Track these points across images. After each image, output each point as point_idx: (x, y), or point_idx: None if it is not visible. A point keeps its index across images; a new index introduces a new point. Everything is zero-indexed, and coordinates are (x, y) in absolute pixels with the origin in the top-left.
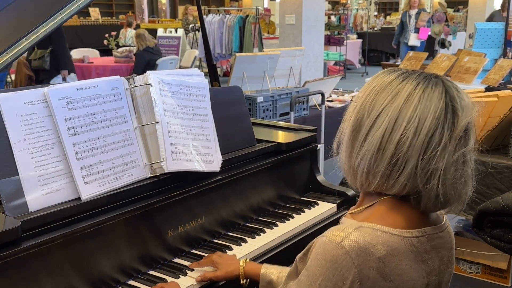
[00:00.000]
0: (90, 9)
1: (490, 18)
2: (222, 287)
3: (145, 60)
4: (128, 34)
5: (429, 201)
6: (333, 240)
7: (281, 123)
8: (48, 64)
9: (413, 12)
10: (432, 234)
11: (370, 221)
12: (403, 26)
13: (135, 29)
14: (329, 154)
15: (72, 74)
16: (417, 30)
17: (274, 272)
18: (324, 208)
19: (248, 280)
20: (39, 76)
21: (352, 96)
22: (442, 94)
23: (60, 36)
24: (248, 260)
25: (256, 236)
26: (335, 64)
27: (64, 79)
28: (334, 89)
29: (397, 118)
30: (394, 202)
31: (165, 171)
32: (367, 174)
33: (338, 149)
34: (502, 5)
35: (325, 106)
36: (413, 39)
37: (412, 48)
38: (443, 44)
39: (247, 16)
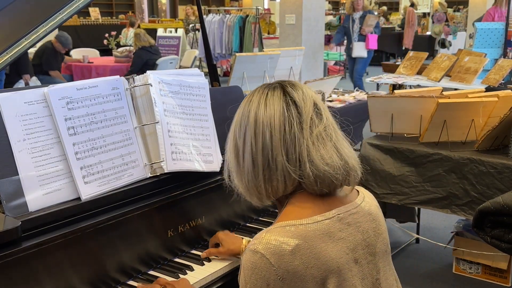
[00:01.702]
0: (90, 9)
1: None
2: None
3: (143, 59)
4: (130, 34)
5: (312, 185)
6: (250, 249)
7: None
8: (8, 68)
9: (357, 15)
10: (344, 212)
11: (281, 221)
12: (345, 33)
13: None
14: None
15: (34, 78)
16: (362, 38)
17: None
18: None
19: None
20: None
21: (353, 96)
22: (281, 95)
23: None
24: (250, 240)
25: None
26: (335, 64)
27: (26, 84)
28: (334, 89)
29: (255, 130)
30: (297, 198)
31: (165, 171)
32: (255, 187)
33: (230, 177)
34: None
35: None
36: (358, 49)
37: (358, 60)
38: (443, 44)
39: (247, 16)
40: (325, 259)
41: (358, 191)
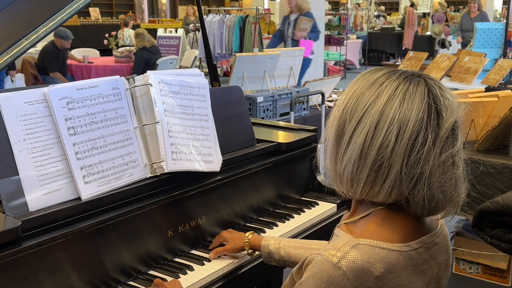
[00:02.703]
0: (90, 9)
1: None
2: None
3: (144, 59)
4: (126, 34)
5: (416, 206)
6: (330, 260)
7: (281, 123)
8: None
9: (293, 17)
10: (429, 242)
11: (366, 236)
12: (281, 37)
13: (132, 28)
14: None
15: (20, 74)
16: (296, 44)
17: (272, 243)
18: (324, 208)
19: (251, 251)
20: None
21: None
22: (424, 94)
23: None
24: (253, 233)
25: None
26: (335, 64)
27: (12, 80)
28: (334, 89)
29: (378, 123)
30: (388, 212)
31: (165, 171)
32: (351, 181)
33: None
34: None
35: (325, 106)
36: None
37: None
38: (443, 44)
39: (247, 16)
40: None
41: None
